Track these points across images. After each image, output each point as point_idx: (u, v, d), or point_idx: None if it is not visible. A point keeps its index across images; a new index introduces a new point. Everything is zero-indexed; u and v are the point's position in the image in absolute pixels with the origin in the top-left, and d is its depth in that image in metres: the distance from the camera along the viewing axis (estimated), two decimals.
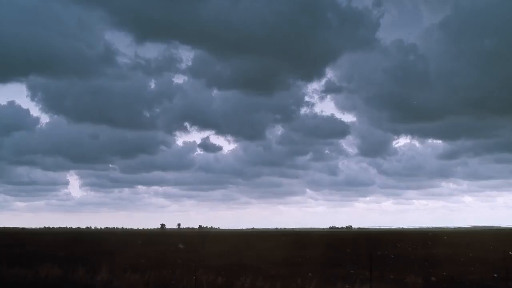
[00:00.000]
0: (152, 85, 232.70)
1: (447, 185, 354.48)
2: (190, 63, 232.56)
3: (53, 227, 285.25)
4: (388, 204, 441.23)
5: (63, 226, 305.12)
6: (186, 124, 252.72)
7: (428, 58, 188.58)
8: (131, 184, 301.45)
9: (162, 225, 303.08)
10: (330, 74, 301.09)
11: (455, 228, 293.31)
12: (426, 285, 19.25)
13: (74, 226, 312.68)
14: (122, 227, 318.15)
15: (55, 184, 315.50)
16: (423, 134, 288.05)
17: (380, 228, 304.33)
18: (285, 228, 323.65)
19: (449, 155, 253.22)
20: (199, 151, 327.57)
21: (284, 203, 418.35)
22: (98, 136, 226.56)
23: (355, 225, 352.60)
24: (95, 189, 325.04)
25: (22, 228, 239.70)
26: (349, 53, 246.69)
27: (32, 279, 19.73)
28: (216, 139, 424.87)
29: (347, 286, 18.15)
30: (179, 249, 39.09)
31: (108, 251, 36.74)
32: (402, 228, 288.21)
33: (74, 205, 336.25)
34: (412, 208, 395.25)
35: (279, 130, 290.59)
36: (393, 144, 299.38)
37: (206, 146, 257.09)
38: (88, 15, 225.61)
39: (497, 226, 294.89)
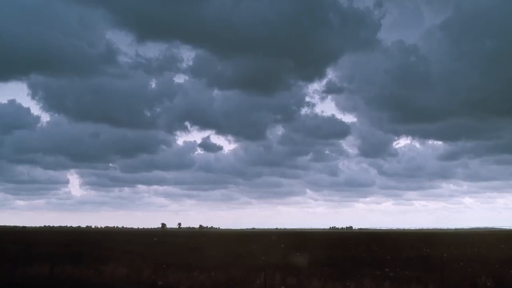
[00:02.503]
0: (153, 85, 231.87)
1: (448, 186, 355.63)
2: (191, 63, 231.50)
3: (53, 226, 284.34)
4: (388, 205, 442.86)
5: (63, 225, 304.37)
6: (187, 123, 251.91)
7: (429, 59, 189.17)
8: (131, 183, 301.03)
9: (163, 225, 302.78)
10: (331, 74, 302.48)
11: (457, 229, 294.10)
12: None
13: (74, 225, 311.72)
14: (123, 226, 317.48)
15: (56, 183, 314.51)
16: (423, 135, 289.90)
17: (381, 229, 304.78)
18: (285, 229, 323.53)
19: (450, 156, 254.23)
20: (199, 151, 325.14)
21: (284, 203, 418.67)
22: (99, 135, 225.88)
23: (355, 226, 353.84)
24: (96, 188, 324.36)
25: (23, 227, 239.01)
26: (350, 53, 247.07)
27: (98, 279, 19.56)
28: (217, 139, 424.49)
29: None
30: (216, 248, 38.80)
31: (145, 251, 36.46)
32: (404, 229, 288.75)
33: (74, 204, 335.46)
34: (412, 209, 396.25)
35: (279, 130, 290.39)
36: (394, 145, 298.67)
37: (206, 146, 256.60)
38: (90, 14, 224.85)
39: (498, 228, 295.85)
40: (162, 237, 76.44)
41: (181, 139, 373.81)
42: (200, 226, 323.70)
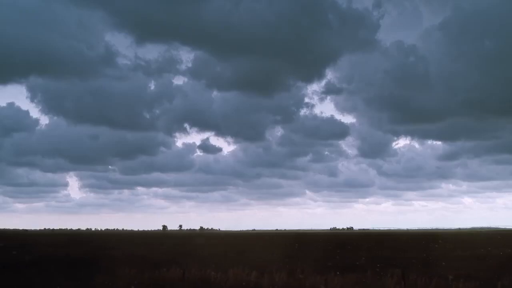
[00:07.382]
0: (152, 86, 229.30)
1: (447, 186, 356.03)
2: (190, 64, 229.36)
3: (54, 229, 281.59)
4: (387, 205, 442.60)
5: (63, 227, 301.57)
6: (186, 125, 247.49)
7: (428, 59, 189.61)
8: (130, 185, 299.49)
9: (164, 227, 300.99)
10: (330, 75, 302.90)
11: (459, 229, 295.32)
12: None
13: (74, 228, 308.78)
14: (123, 229, 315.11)
15: (55, 186, 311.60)
16: (422, 135, 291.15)
17: (381, 229, 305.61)
18: (285, 230, 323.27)
19: (449, 156, 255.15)
20: (198, 153, 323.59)
21: (283, 204, 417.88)
22: (98, 137, 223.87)
23: (355, 227, 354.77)
24: (95, 190, 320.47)
25: (24, 230, 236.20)
26: (349, 54, 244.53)
27: (226, 283, 19.03)
28: (216, 141, 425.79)
29: None
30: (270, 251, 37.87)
31: (216, 252, 35.79)
32: (407, 229, 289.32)
33: (74, 206, 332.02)
34: (412, 209, 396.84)
35: (279, 131, 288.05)
36: (393, 145, 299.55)
37: (206, 147, 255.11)
38: (89, 16, 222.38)
39: (498, 228, 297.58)
40: (211, 239, 74.14)
41: (180, 140, 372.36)
42: (201, 227, 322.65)
